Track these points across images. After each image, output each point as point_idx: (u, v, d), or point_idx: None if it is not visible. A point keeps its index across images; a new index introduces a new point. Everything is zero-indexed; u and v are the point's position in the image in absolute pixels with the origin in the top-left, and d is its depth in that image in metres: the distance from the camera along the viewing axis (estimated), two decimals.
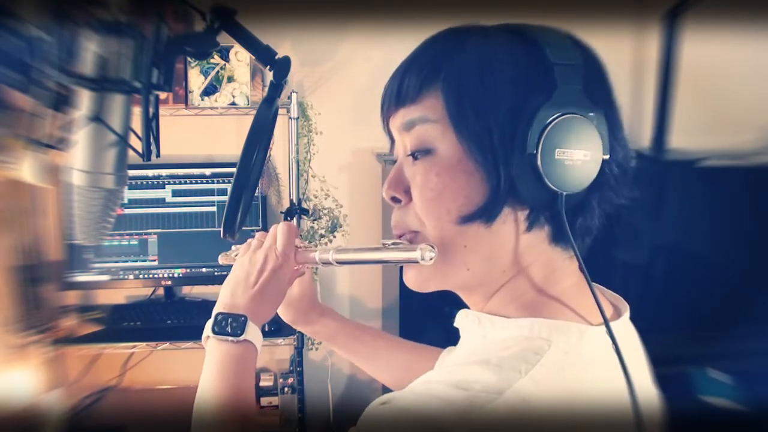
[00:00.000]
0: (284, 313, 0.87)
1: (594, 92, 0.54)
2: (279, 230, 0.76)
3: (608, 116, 0.55)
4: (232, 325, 0.70)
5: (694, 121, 2.04)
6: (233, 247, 0.81)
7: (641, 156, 1.97)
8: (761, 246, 1.95)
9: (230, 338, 0.70)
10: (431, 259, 0.56)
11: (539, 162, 0.52)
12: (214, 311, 0.73)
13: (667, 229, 1.93)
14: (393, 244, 0.60)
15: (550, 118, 0.52)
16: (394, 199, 0.60)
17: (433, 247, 0.56)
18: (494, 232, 0.55)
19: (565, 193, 0.53)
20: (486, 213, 0.54)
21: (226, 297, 0.74)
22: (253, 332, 0.71)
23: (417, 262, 0.57)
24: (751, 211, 1.94)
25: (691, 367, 1.84)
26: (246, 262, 0.75)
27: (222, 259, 0.83)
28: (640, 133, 2.02)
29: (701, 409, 1.76)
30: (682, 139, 1.99)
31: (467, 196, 0.54)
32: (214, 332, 0.71)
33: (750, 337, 1.84)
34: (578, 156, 0.53)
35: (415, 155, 0.57)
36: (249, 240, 0.79)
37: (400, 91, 0.57)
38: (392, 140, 0.62)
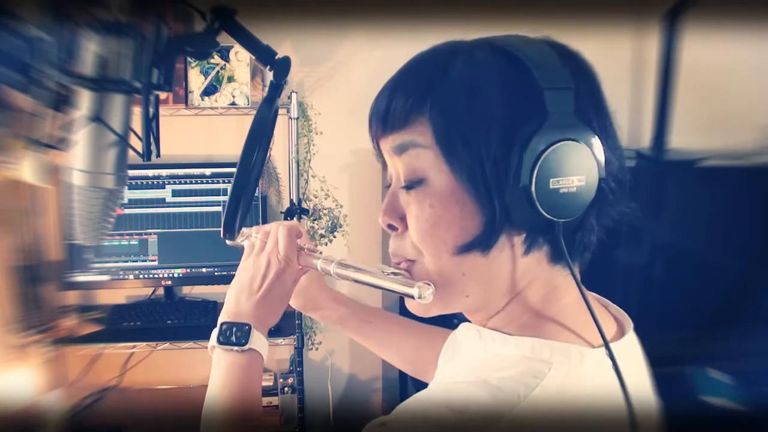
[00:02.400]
0: (293, 301, 0.86)
1: (586, 110, 0.53)
2: (280, 233, 0.75)
3: (601, 130, 0.54)
4: (236, 335, 0.70)
5: (694, 121, 2.04)
6: (243, 230, 0.80)
7: (641, 156, 1.97)
8: (761, 246, 1.95)
9: (235, 348, 0.70)
10: (430, 295, 0.56)
11: (534, 194, 0.50)
12: (219, 320, 0.73)
13: (667, 229, 1.93)
14: (393, 273, 0.60)
15: (542, 148, 0.50)
16: (391, 227, 0.59)
17: (429, 284, 0.56)
18: (492, 259, 0.54)
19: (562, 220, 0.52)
20: (482, 243, 0.53)
21: (230, 305, 0.74)
22: (257, 340, 0.71)
23: (414, 298, 0.56)
24: (751, 211, 1.93)
25: (691, 367, 1.84)
26: (249, 266, 0.75)
27: (229, 242, 0.82)
28: (640, 133, 2.02)
29: (701, 409, 1.76)
30: (682, 139, 1.99)
31: (462, 227, 0.54)
32: (219, 342, 0.71)
33: (750, 337, 1.84)
34: (574, 182, 0.52)
35: (408, 186, 0.56)
36: (251, 240, 0.78)
37: (387, 116, 0.56)
38: (383, 162, 0.61)
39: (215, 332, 0.72)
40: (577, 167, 0.51)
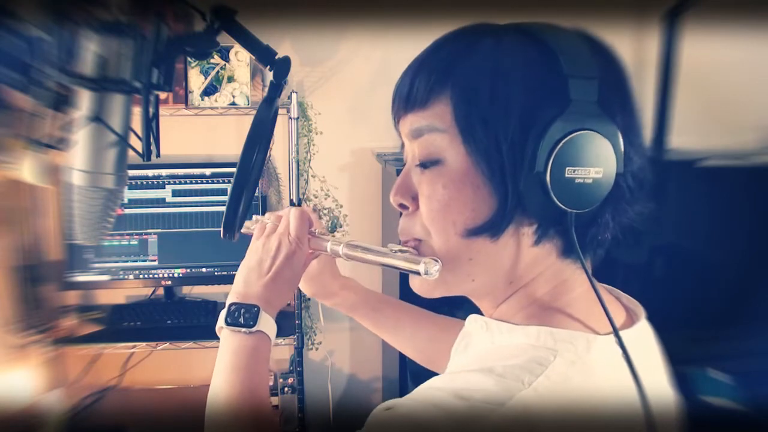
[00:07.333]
0: (305, 287, 0.86)
1: (610, 103, 0.52)
2: (292, 215, 0.75)
3: (625, 126, 0.53)
4: (244, 316, 0.70)
5: (694, 121, 2.04)
6: (254, 217, 0.80)
7: None
8: (761, 246, 1.95)
9: (243, 329, 0.69)
10: (437, 271, 0.55)
11: (548, 181, 0.50)
12: (228, 300, 0.72)
13: (667, 230, 1.93)
14: (400, 251, 0.59)
15: (561, 136, 0.50)
16: (402, 206, 0.59)
17: (437, 260, 0.56)
18: (501, 246, 0.54)
19: (575, 212, 0.52)
20: (492, 228, 0.53)
21: (239, 285, 0.73)
22: (266, 322, 0.70)
23: (419, 275, 0.56)
24: (751, 211, 1.93)
25: (691, 367, 1.84)
26: (259, 247, 0.74)
27: (243, 229, 0.82)
28: None
29: (701, 409, 1.76)
30: (682, 139, 1.99)
31: (474, 209, 0.53)
32: (227, 323, 0.70)
33: (750, 337, 1.84)
34: (590, 173, 0.51)
35: (423, 165, 0.56)
36: (263, 221, 0.78)
37: (410, 95, 0.56)
38: (403, 143, 0.61)
39: (223, 312, 0.71)
40: (595, 159, 0.51)
